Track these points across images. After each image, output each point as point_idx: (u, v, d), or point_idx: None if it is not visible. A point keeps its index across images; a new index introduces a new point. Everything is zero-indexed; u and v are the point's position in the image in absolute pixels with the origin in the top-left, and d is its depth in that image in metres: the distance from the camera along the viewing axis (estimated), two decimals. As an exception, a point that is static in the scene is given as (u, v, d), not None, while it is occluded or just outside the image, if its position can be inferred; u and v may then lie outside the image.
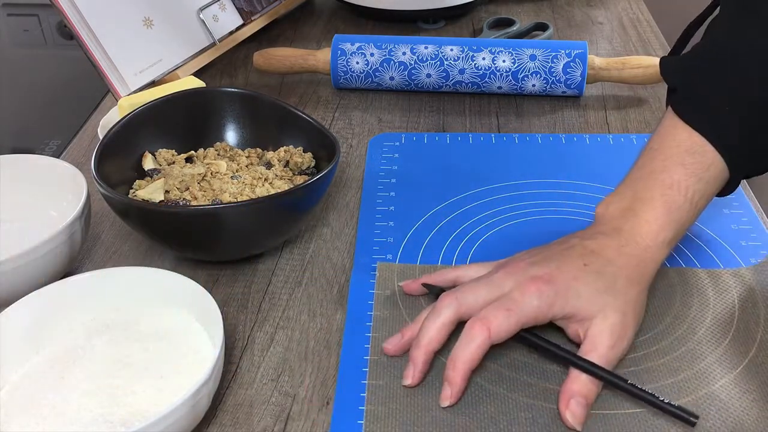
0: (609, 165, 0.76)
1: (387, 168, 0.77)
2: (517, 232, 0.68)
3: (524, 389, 0.53)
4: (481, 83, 0.87)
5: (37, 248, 0.58)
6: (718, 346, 0.55)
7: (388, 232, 0.68)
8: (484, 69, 0.86)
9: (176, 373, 0.54)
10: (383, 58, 0.87)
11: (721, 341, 0.56)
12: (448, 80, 0.87)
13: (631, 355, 0.55)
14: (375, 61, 0.87)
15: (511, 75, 0.86)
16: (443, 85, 0.87)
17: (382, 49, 0.88)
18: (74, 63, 1.01)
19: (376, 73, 0.88)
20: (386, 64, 0.87)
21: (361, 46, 0.88)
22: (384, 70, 0.87)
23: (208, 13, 0.94)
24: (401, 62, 0.87)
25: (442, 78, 0.87)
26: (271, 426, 0.53)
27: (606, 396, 0.52)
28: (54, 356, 0.55)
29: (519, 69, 0.85)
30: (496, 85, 0.86)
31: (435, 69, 0.86)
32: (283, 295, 0.63)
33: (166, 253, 0.68)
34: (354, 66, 0.88)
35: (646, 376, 0.54)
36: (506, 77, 0.86)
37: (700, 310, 0.59)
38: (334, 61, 0.88)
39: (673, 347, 0.56)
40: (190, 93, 0.74)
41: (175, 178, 0.68)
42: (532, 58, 0.85)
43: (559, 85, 0.85)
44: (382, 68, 0.87)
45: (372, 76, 0.88)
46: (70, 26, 0.83)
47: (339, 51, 0.88)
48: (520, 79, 0.86)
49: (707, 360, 0.54)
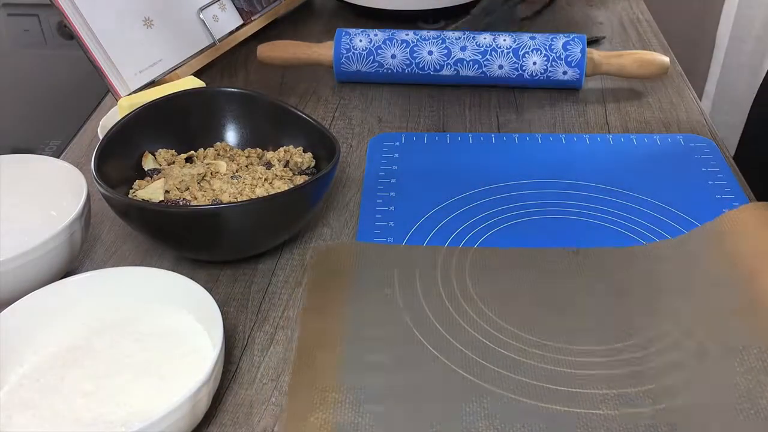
0: (609, 165, 0.76)
1: (387, 168, 0.77)
2: (517, 232, 0.68)
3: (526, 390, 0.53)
4: (482, 61, 0.87)
5: (37, 248, 0.58)
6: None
7: (388, 232, 0.68)
8: (485, 46, 0.87)
9: (176, 373, 0.54)
10: (386, 37, 0.89)
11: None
12: (449, 58, 0.88)
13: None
14: (378, 39, 0.89)
15: (512, 52, 0.87)
16: (444, 64, 0.88)
17: (386, 31, 0.90)
18: (74, 63, 1.01)
19: (378, 50, 0.89)
20: (389, 42, 0.89)
21: (365, 29, 0.91)
22: (386, 48, 0.89)
23: (208, 13, 0.94)
24: (403, 40, 0.89)
25: (444, 55, 0.88)
26: (271, 426, 0.53)
27: (608, 396, 0.52)
28: (54, 356, 0.55)
29: (519, 46, 0.87)
30: (497, 63, 0.87)
31: (437, 46, 0.88)
32: (283, 295, 0.63)
33: (166, 253, 0.68)
34: (357, 44, 0.89)
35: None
36: (507, 54, 0.87)
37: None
38: (338, 39, 0.90)
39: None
40: (190, 93, 0.74)
41: (175, 178, 0.68)
42: (532, 38, 0.88)
43: (560, 63, 0.86)
44: (384, 45, 0.89)
45: (374, 54, 0.89)
46: (70, 26, 0.83)
47: (343, 32, 0.91)
48: (521, 57, 0.87)
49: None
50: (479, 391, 0.52)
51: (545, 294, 0.61)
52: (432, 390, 0.53)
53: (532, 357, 0.55)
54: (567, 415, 0.51)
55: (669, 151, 0.78)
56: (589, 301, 0.60)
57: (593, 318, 0.58)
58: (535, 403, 0.52)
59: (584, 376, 0.54)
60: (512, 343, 0.56)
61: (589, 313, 0.59)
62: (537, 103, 0.88)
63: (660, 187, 0.73)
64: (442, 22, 1.06)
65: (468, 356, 0.55)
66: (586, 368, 0.54)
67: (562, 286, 0.61)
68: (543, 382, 0.53)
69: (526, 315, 0.59)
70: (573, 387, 0.53)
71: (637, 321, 0.58)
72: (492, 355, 0.55)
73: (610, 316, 0.59)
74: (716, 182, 0.73)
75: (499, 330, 0.58)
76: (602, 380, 0.53)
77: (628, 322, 0.58)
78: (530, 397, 0.52)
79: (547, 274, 0.63)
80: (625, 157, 0.77)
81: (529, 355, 0.56)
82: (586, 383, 0.53)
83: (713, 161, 0.76)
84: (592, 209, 0.70)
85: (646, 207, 0.70)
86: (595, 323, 0.58)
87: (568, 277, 0.62)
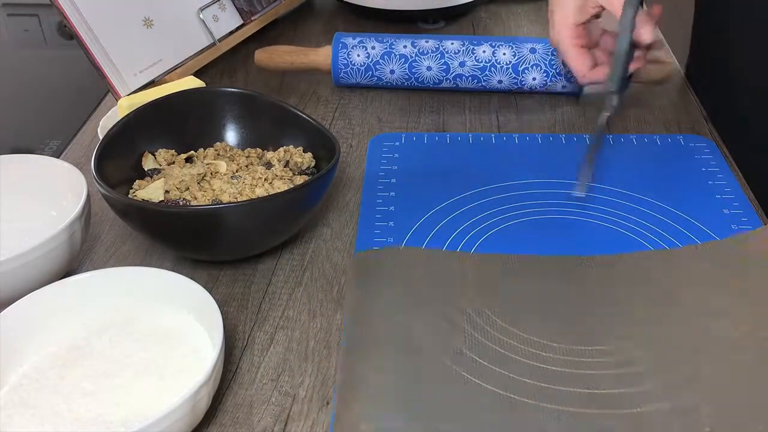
0: (609, 165, 0.76)
1: (387, 168, 0.77)
2: (517, 232, 0.68)
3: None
4: (481, 76, 0.87)
5: (37, 248, 0.58)
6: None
7: (388, 232, 0.68)
8: (485, 61, 0.86)
9: (176, 373, 0.54)
10: (384, 51, 0.88)
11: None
12: (448, 73, 0.87)
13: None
14: (376, 53, 0.88)
15: (512, 68, 0.86)
16: (443, 78, 0.88)
17: (383, 42, 0.88)
18: (74, 63, 1.01)
19: (377, 65, 0.88)
20: (387, 57, 0.88)
21: (363, 40, 0.89)
22: (385, 63, 0.88)
23: (208, 13, 0.94)
24: (402, 55, 0.87)
25: (443, 71, 0.87)
26: (271, 426, 0.53)
27: (610, 396, 0.52)
28: (54, 356, 0.55)
29: (519, 61, 0.86)
30: (497, 78, 0.87)
31: (435, 61, 0.87)
32: (283, 295, 0.63)
33: (166, 253, 0.68)
34: (355, 59, 0.88)
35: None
36: (506, 70, 0.86)
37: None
38: (335, 54, 0.89)
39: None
40: (190, 93, 0.74)
41: (175, 178, 0.68)
42: (533, 51, 0.86)
43: (559, 78, 0.86)
44: (383, 61, 0.88)
45: (372, 69, 0.88)
46: (70, 26, 0.83)
47: (340, 44, 0.89)
48: (521, 72, 0.86)
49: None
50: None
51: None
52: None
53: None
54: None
55: (669, 151, 0.78)
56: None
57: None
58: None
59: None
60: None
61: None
62: (537, 104, 0.88)
63: (660, 187, 0.73)
64: (442, 22, 1.06)
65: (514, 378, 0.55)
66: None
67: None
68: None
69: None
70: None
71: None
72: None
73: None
74: (716, 182, 0.73)
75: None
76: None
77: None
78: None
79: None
80: (625, 158, 0.77)
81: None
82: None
83: (713, 161, 0.76)
84: (592, 209, 0.70)
85: (646, 207, 0.70)
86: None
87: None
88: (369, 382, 0.53)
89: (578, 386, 0.53)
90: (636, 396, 0.52)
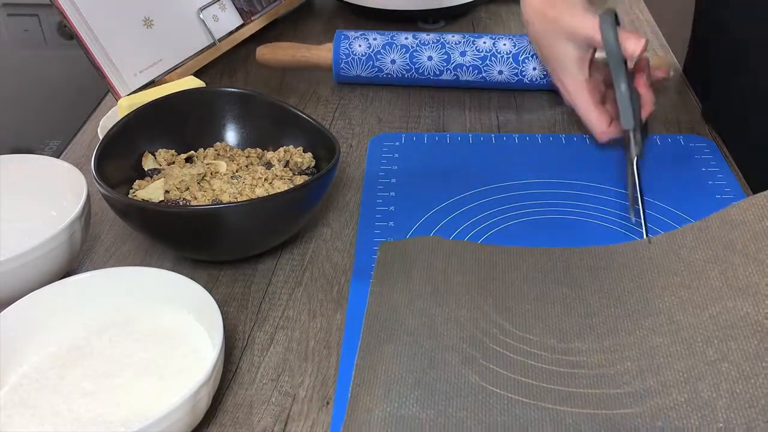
0: (609, 165, 0.76)
1: (387, 168, 0.77)
2: (517, 232, 0.68)
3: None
4: (482, 66, 0.87)
5: (37, 248, 0.58)
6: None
7: (388, 232, 0.68)
8: (485, 51, 0.87)
9: (176, 373, 0.54)
10: (386, 42, 0.89)
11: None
12: (449, 63, 0.87)
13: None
14: (377, 44, 0.89)
15: (512, 57, 0.87)
16: (444, 69, 0.88)
17: (385, 35, 0.90)
18: (74, 63, 1.01)
19: (378, 55, 0.88)
20: (388, 47, 0.88)
21: (365, 33, 0.90)
22: (386, 53, 0.88)
23: (208, 13, 0.94)
24: (403, 45, 0.88)
25: (444, 61, 0.87)
26: (271, 426, 0.53)
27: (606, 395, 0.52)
28: (54, 356, 0.55)
29: (519, 51, 0.87)
30: (497, 69, 0.87)
31: (436, 51, 0.87)
32: (283, 295, 0.63)
33: (166, 253, 0.68)
34: (356, 49, 0.89)
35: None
36: (507, 60, 0.86)
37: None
38: (337, 44, 0.90)
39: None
40: (190, 93, 0.74)
41: (175, 178, 0.68)
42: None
43: None
44: (384, 51, 0.88)
45: (373, 59, 0.89)
46: (70, 26, 0.83)
47: (342, 36, 0.90)
48: (521, 62, 0.86)
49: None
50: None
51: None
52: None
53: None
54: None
55: (669, 151, 0.78)
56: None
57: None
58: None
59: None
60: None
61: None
62: (537, 104, 0.88)
63: (660, 187, 0.73)
64: (442, 22, 1.06)
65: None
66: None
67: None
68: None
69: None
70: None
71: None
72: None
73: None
74: (716, 182, 0.73)
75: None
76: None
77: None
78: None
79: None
80: (624, 158, 0.77)
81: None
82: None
83: (713, 161, 0.76)
84: (592, 209, 0.70)
85: (646, 207, 0.70)
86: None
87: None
88: (387, 368, 0.53)
89: (602, 384, 0.53)
90: (653, 389, 0.52)
